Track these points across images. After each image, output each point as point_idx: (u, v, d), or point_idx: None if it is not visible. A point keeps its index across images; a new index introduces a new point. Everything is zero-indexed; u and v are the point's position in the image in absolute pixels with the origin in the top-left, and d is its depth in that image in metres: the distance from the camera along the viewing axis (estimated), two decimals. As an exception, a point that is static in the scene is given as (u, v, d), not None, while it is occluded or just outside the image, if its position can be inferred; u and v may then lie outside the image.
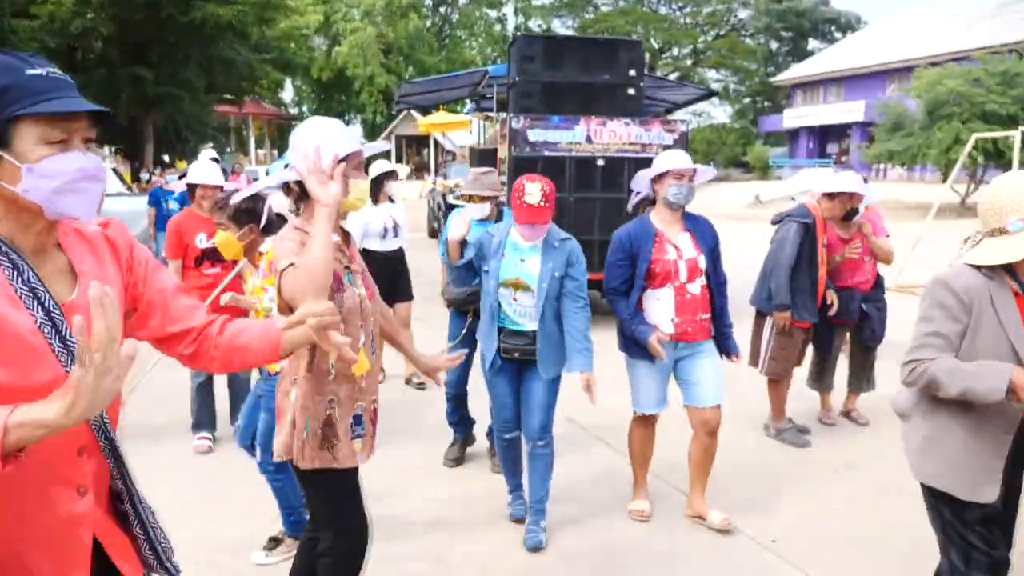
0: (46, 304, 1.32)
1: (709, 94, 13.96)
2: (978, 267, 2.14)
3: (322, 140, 2.08)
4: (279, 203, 4.69)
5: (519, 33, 33.18)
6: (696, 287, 3.45)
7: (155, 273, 1.57)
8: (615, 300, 3.50)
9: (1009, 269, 2.15)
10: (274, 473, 3.17)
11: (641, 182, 3.55)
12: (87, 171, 1.32)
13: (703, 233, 3.52)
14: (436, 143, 26.25)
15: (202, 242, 4.43)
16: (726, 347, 3.58)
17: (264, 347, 1.63)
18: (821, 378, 5.07)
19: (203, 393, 4.55)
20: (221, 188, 4.61)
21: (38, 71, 1.29)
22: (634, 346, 3.47)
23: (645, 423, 3.64)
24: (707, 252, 3.48)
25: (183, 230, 4.46)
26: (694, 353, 3.49)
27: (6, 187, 1.29)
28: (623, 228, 3.55)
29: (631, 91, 7.98)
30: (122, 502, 1.49)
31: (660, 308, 3.44)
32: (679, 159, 3.48)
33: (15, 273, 1.31)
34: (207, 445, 4.50)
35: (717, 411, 3.49)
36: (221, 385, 4.69)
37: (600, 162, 7.48)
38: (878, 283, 4.99)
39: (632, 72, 7.98)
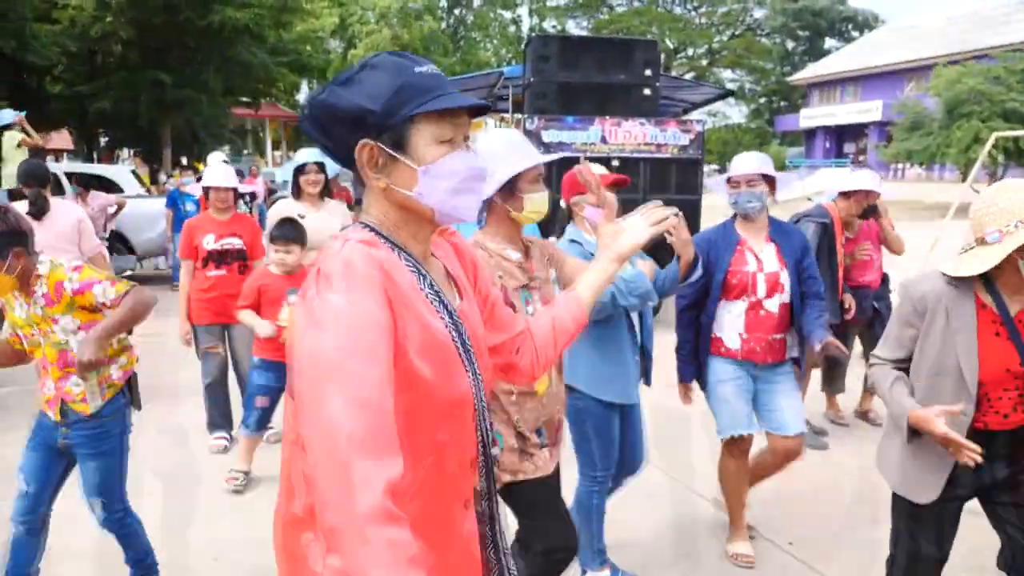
0: (449, 308, 1.28)
1: (725, 94, 13.90)
2: (947, 275, 2.17)
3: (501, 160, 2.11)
4: (287, 208, 4.76)
5: (534, 34, 33.07)
6: (774, 304, 3.12)
7: (489, 282, 1.52)
8: (683, 315, 3.27)
9: (987, 281, 2.13)
10: (123, 520, 2.82)
11: (717, 187, 3.33)
12: (476, 170, 1.27)
13: (790, 245, 3.19)
14: None
15: (209, 243, 4.43)
16: (815, 333, 3.11)
17: (573, 310, 1.55)
18: (834, 380, 5.05)
19: (213, 393, 4.58)
20: (235, 190, 4.64)
21: (424, 68, 1.23)
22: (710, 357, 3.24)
23: (736, 451, 3.24)
24: (792, 266, 3.15)
25: (194, 232, 4.48)
26: (772, 376, 3.22)
27: (402, 192, 1.23)
28: (704, 232, 3.28)
29: (647, 91, 7.96)
30: (482, 523, 1.41)
31: (730, 321, 3.17)
32: (741, 164, 3.13)
33: (422, 279, 1.26)
34: (223, 444, 4.54)
35: (800, 440, 3.21)
36: (233, 384, 4.71)
37: (615, 163, 7.48)
38: (884, 280, 4.99)
39: (648, 72, 7.96)
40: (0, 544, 2.77)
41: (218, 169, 4.72)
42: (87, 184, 9.18)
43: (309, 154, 4.58)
